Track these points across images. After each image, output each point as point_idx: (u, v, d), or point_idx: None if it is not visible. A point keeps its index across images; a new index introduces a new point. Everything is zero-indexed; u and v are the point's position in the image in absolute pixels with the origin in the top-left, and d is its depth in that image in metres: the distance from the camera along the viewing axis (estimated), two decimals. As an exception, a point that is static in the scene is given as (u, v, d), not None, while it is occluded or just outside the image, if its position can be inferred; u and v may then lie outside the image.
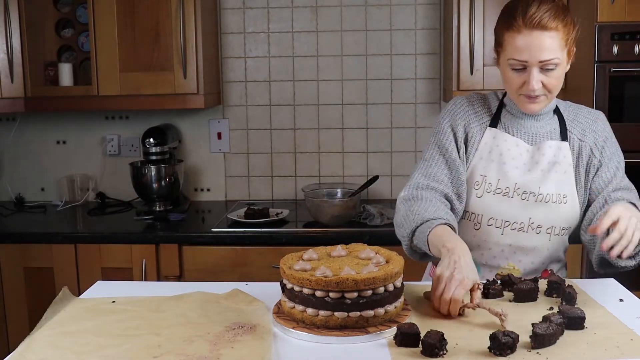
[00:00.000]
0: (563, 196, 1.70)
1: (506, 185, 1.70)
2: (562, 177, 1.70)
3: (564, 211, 1.71)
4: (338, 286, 1.37)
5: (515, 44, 1.58)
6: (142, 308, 1.58)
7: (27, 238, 2.71)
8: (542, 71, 1.60)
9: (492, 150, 1.73)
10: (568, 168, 1.71)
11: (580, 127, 1.75)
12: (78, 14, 3.13)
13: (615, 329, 1.41)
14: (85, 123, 3.28)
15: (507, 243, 1.73)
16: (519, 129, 1.74)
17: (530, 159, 1.71)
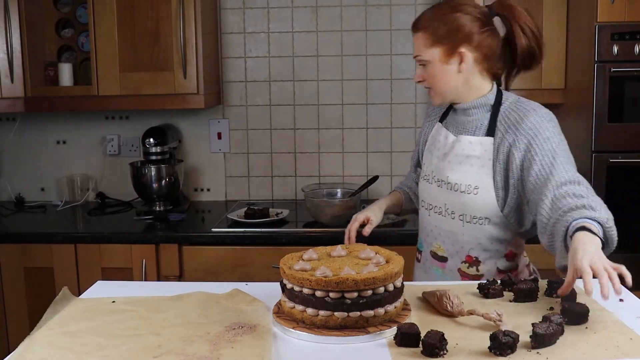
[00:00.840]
0: (474, 187, 1.78)
1: (428, 173, 1.91)
2: (476, 170, 1.78)
3: (475, 202, 1.78)
4: (338, 286, 1.37)
5: None
6: (142, 308, 1.58)
7: (27, 238, 2.71)
8: (421, 67, 1.83)
9: (431, 142, 1.95)
10: (487, 162, 1.77)
11: (506, 124, 1.77)
12: (78, 14, 3.13)
13: (615, 329, 1.41)
14: (85, 123, 3.28)
15: (433, 225, 1.90)
16: (452, 123, 1.90)
17: (450, 149, 1.84)
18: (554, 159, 1.70)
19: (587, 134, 2.50)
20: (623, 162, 2.46)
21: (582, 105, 2.56)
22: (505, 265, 1.87)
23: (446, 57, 1.77)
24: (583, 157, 2.54)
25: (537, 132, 1.73)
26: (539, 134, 1.73)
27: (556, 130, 1.78)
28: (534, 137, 1.73)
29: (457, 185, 1.80)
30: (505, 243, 1.85)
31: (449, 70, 1.78)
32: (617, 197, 2.49)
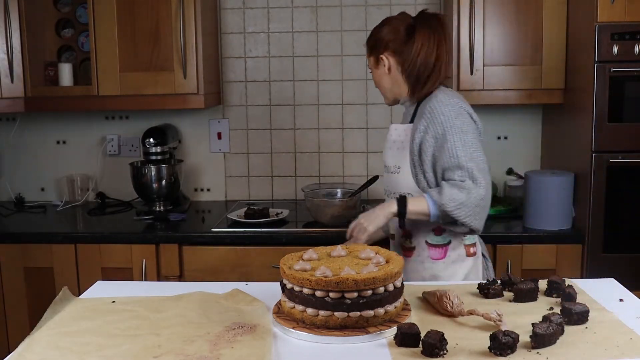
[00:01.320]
0: (397, 167, 2.07)
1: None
2: (400, 153, 2.06)
3: (398, 179, 2.07)
4: (338, 286, 1.37)
5: None
6: (142, 308, 1.58)
7: (27, 238, 2.71)
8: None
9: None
10: (406, 145, 2.04)
11: (421, 113, 2.02)
12: (78, 14, 3.13)
13: (615, 329, 1.41)
14: (85, 123, 3.28)
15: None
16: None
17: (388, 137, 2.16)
18: (442, 143, 1.93)
19: (587, 134, 2.50)
20: (623, 162, 2.46)
21: (582, 105, 2.56)
22: (435, 240, 2.04)
23: (376, 63, 2.11)
24: (583, 157, 2.54)
25: (433, 116, 1.97)
26: (434, 118, 1.97)
27: (452, 114, 1.96)
28: (431, 120, 1.97)
29: (388, 167, 2.11)
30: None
31: (380, 74, 2.11)
32: (617, 197, 2.49)
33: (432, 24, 2.04)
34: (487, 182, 1.90)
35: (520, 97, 2.77)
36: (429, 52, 2.00)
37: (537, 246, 2.57)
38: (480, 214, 1.89)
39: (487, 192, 1.89)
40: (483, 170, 1.91)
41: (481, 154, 1.94)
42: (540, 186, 2.58)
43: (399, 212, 1.94)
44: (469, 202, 1.85)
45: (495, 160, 3.15)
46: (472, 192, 1.86)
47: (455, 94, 2.05)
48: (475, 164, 1.90)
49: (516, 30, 2.72)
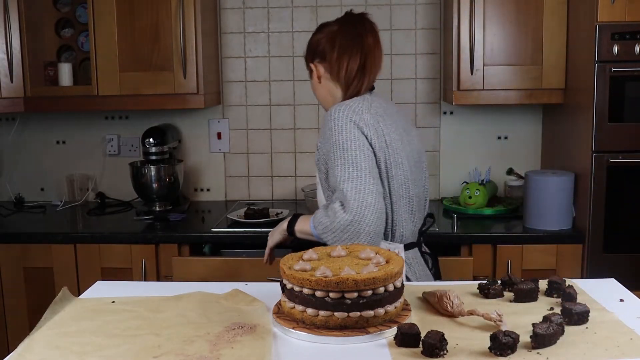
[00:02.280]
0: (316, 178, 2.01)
1: None
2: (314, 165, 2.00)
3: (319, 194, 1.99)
4: (338, 286, 1.37)
5: None
6: (142, 308, 1.58)
7: (26, 238, 2.71)
8: None
9: None
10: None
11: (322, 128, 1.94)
12: (78, 14, 3.13)
13: (616, 329, 1.41)
14: (85, 123, 3.28)
15: None
16: None
17: None
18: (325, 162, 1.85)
19: (587, 134, 2.50)
20: (623, 162, 2.46)
21: (582, 105, 2.56)
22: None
23: (310, 72, 2.03)
24: (583, 157, 2.54)
25: (323, 131, 1.86)
26: (324, 134, 1.85)
27: (337, 129, 1.80)
28: (322, 136, 1.86)
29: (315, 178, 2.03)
30: None
31: (313, 83, 2.04)
32: (617, 197, 2.49)
33: (355, 27, 1.93)
34: (362, 205, 1.71)
35: (521, 97, 2.77)
36: (352, 59, 1.90)
37: (537, 246, 2.57)
38: (352, 239, 1.72)
39: (358, 217, 1.71)
40: (361, 192, 1.72)
41: (364, 174, 1.75)
42: (540, 186, 2.58)
43: (288, 230, 1.91)
44: (332, 227, 1.73)
45: (495, 160, 3.15)
46: (337, 216, 1.72)
47: (354, 105, 1.84)
48: (352, 184, 1.73)
49: (516, 30, 2.72)
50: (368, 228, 1.73)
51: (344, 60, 1.91)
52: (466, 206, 2.85)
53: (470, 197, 2.83)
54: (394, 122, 1.90)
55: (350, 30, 1.93)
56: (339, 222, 1.73)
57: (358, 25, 1.94)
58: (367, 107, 1.85)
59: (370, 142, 1.80)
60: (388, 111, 1.91)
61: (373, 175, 1.77)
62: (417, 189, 1.93)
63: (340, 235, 1.73)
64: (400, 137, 1.89)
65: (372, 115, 1.84)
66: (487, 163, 3.14)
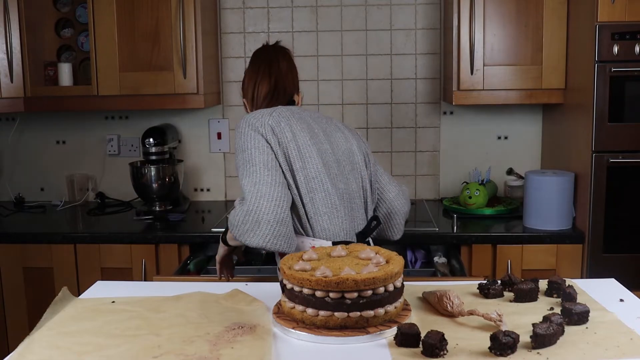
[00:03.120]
0: None
1: None
2: None
3: None
4: (338, 286, 1.37)
5: None
6: (142, 308, 1.58)
7: (26, 238, 2.71)
8: None
9: None
10: None
11: None
12: (78, 14, 3.13)
13: (616, 329, 1.41)
14: (85, 123, 3.28)
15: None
16: None
17: None
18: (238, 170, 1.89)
19: (587, 134, 2.50)
20: (623, 162, 2.46)
21: (582, 105, 2.56)
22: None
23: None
24: (583, 157, 2.54)
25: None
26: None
27: (238, 134, 1.91)
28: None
29: None
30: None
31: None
32: (617, 197, 2.49)
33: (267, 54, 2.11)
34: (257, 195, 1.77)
35: (521, 97, 2.77)
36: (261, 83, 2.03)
37: (537, 246, 2.57)
38: (254, 230, 1.75)
39: (251, 207, 1.76)
40: (257, 184, 1.79)
41: (259, 167, 1.82)
42: (540, 186, 2.58)
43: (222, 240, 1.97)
44: (235, 222, 1.78)
45: (495, 160, 3.15)
46: (236, 210, 1.79)
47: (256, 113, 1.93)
48: (249, 180, 1.81)
49: (516, 30, 2.72)
50: (267, 216, 1.76)
51: (251, 86, 2.05)
52: (466, 206, 2.85)
53: (470, 197, 2.83)
54: (304, 123, 1.94)
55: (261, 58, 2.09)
56: (238, 215, 1.78)
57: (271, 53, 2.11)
58: (268, 113, 1.93)
59: (266, 139, 1.86)
60: (298, 115, 1.96)
61: (269, 167, 1.83)
62: (342, 184, 1.94)
63: (242, 227, 1.76)
64: (310, 135, 1.92)
65: (274, 117, 1.91)
66: (487, 163, 3.14)
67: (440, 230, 2.61)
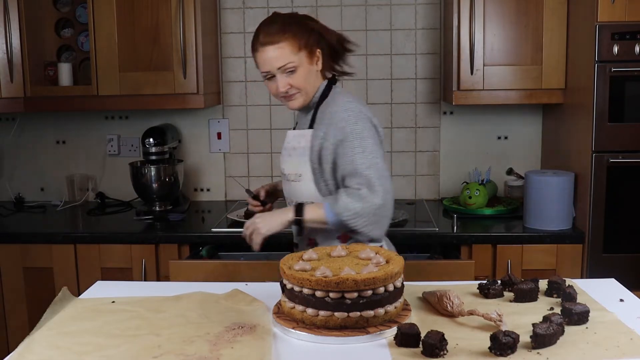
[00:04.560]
0: (298, 175, 1.98)
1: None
2: (299, 160, 1.97)
3: (299, 188, 1.98)
4: (338, 286, 1.37)
5: (258, 60, 1.97)
6: (142, 308, 1.58)
7: (26, 238, 2.71)
8: (286, 74, 1.92)
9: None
10: (306, 152, 1.96)
11: (320, 118, 1.96)
12: (78, 14, 3.13)
13: (616, 329, 1.41)
14: (85, 123, 3.28)
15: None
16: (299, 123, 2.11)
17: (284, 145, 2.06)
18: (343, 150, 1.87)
19: (587, 134, 2.50)
20: (623, 162, 2.46)
21: (582, 105, 2.56)
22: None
23: (310, 59, 1.94)
24: (583, 157, 2.54)
25: (333, 121, 1.90)
26: (335, 123, 1.90)
27: (352, 119, 1.89)
28: (330, 125, 1.90)
29: (288, 175, 2.01)
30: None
31: (312, 71, 1.96)
32: (617, 197, 2.49)
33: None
34: (385, 190, 1.82)
35: (520, 97, 2.77)
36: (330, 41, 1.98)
37: (537, 246, 2.57)
38: (379, 222, 1.83)
39: (384, 201, 1.81)
40: (382, 178, 1.83)
41: (381, 161, 1.87)
42: (540, 186, 2.58)
43: (296, 220, 1.89)
44: (364, 212, 1.79)
45: (495, 160, 3.15)
46: (368, 200, 1.79)
47: (356, 98, 1.97)
48: (375, 171, 1.83)
49: (516, 30, 2.72)
50: (389, 213, 1.85)
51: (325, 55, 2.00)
52: (466, 206, 2.85)
53: (470, 197, 2.83)
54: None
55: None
56: (370, 206, 1.79)
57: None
58: (363, 103, 1.97)
59: (377, 131, 1.94)
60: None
61: (384, 160, 1.90)
62: None
63: (371, 219, 1.80)
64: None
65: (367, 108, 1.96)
66: (487, 163, 3.14)
67: (440, 230, 2.61)
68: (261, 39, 1.92)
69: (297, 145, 1.99)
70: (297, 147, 1.99)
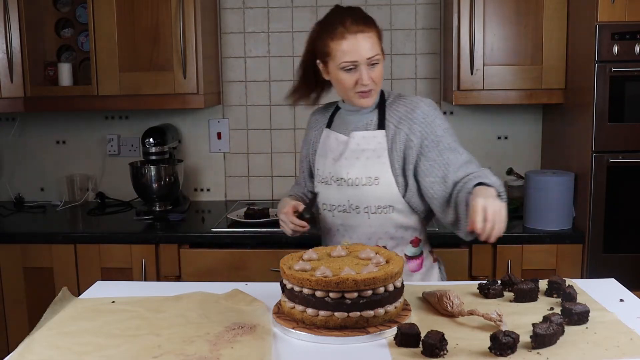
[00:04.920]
0: (374, 178, 1.88)
1: (325, 175, 1.96)
2: (374, 162, 1.88)
3: (376, 191, 1.87)
4: (338, 286, 1.37)
5: (343, 49, 1.81)
6: (142, 308, 1.58)
7: (26, 238, 2.71)
8: (369, 67, 1.83)
9: (322, 147, 2.01)
10: (382, 153, 1.88)
11: (397, 116, 1.90)
12: (78, 14, 3.13)
13: (616, 329, 1.41)
14: (85, 123, 3.28)
15: (339, 223, 1.94)
16: (340, 125, 1.99)
17: (343, 149, 1.93)
18: (448, 144, 1.86)
19: (587, 134, 2.49)
20: (623, 162, 2.46)
21: (582, 105, 2.56)
22: (412, 252, 1.95)
23: (383, 55, 1.89)
24: (583, 157, 2.54)
25: (431, 119, 1.87)
26: (432, 123, 1.87)
27: (442, 116, 1.91)
28: (427, 124, 1.86)
29: (357, 180, 1.88)
30: (411, 230, 1.93)
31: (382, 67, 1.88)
32: (617, 197, 2.49)
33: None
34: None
35: (520, 97, 2.77)
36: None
37: (538, 246, 2.57)
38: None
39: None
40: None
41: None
42: (540, 186, 2.58)
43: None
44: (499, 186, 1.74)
45: (495, 160, 3.15)
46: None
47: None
48: (470, 155, 1.90)
49: (516, 30, 2.72)
50: None
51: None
52: (466, 206, 2.84)
53: (470, 197, 2.83)
54: None
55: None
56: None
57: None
58: None
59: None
60: None
61: None
62: None
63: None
64: None
65: None
66: (487, 163, 3.13)
67: (440, 230, 2.61)
68: (349, 25, 1.81)
69: (366, 147, 1.89)
70: (366, 149, 1.89)
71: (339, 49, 1.82)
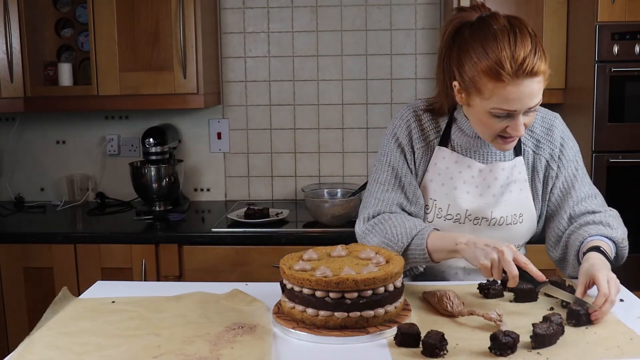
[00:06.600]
0: (519, 216, 1.68)
1: (457, 212, 1.66)
2: (517, 196, 1.66)
3: (520, 230, 1.70)
4: (338, 286, 1.37)
5: (503, 95, 1.45)
6: (142, 308, 1.58)
7: (26, 238, 2.71)
8: (525, 114, 1.51)
9: (443, 173, 1.66)
10: (524, 185, 1.67)
11: (534, 139, 1.68)
12: (78, 14, 3.13)
13: (616, 329, 1.41)
14: (85, 123, 3.28)
15: (462, 266, 1.75)
16: (470, 148, 1.66)
17: (483, 181, 1.65)
18: (576, 170, 1.70)
19: (587, 134, 2.49)
20: (623, 162, 2.46)
21: (582, 105, 2.56)
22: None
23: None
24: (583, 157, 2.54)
25: (565, 139, 1.68)
26: (566, 144, 1.68)
27: (570, 133, 1.74)
28: (563, 147, 1.68)
29: (502, 219, 1.65)
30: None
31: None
32: (617, 197, 2.48)
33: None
34: None
35: (521, 97, 2.76)
36: None
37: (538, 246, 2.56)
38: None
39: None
40: None
41: None
42: (540, 186, 2.58)
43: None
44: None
45: (496, 160, 3.14)
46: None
47: None
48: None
49: (516, 30, 2.72)
50: None
51: None
52: (466, 206, 2.84)
53: (470, 197, 2.83)
54: None
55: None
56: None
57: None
58: None
59: None
60: None
61: None
62: None
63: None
64: None
65: None
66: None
67: (440, 230, 2.60)
68: (517, 67, 1.42)
69: (510, 179, 1.64)
70: (510, 182, 1.64)
71: (495, 92, 1.45)
